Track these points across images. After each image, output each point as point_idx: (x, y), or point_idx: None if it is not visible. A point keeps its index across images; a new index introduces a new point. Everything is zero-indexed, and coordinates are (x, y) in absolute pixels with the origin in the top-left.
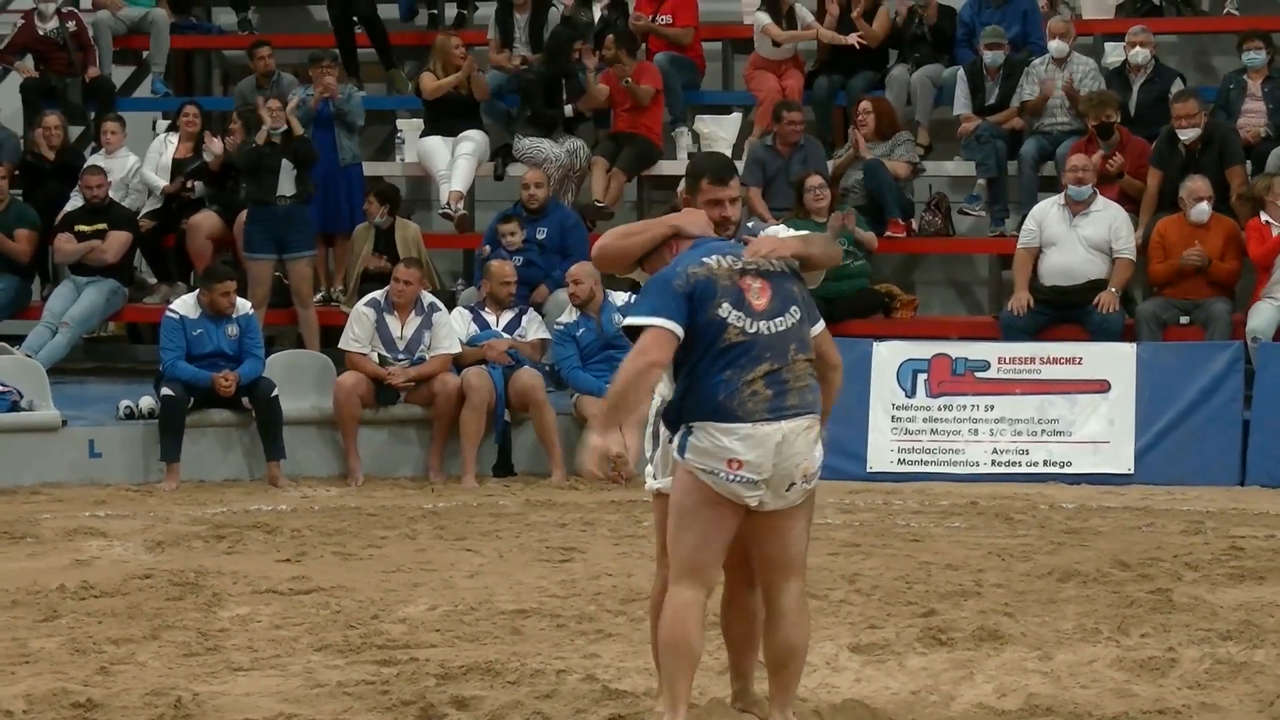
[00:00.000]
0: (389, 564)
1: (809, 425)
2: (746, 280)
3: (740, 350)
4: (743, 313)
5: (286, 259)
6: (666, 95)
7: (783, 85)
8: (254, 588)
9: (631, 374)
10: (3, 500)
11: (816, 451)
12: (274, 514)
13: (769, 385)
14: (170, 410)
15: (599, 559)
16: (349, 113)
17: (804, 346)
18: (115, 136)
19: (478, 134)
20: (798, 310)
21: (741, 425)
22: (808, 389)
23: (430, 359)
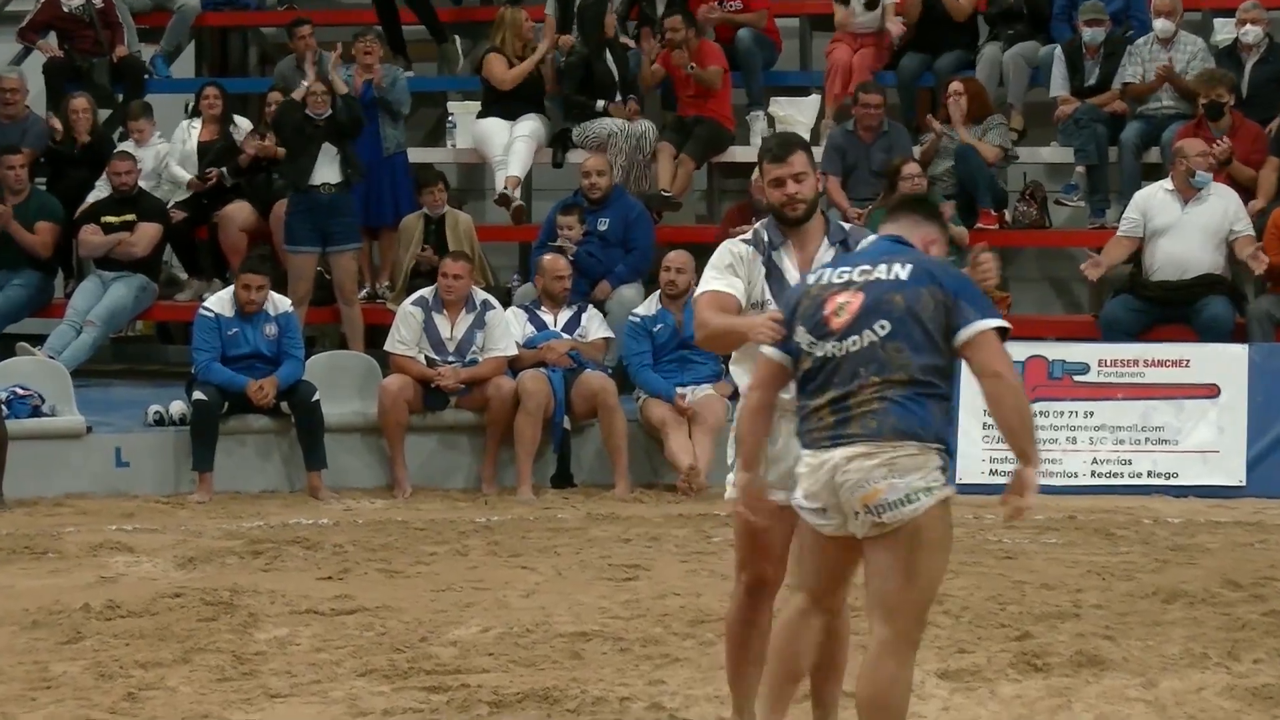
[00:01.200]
0: (439, 582)
1: (866, 452)
2: (835, 297)
3: (809, 375)
4: (815, 335)
5: (330, 252)
6: (745, 76)
7: (853, 61)
8: (293, 608)
9: (740, 411)
10: (24, 512)
11: (886, 480)
12: (315, 528)
13: (833, 411)
14: (202, 416)
15: (665, 577)
16: (394, 98)
17: (884, 367)
18: (144, 134)
19: (538, 117)
20: (887, 325)
21: (806, 452)
22: (879, 413)
23: (483, 361)
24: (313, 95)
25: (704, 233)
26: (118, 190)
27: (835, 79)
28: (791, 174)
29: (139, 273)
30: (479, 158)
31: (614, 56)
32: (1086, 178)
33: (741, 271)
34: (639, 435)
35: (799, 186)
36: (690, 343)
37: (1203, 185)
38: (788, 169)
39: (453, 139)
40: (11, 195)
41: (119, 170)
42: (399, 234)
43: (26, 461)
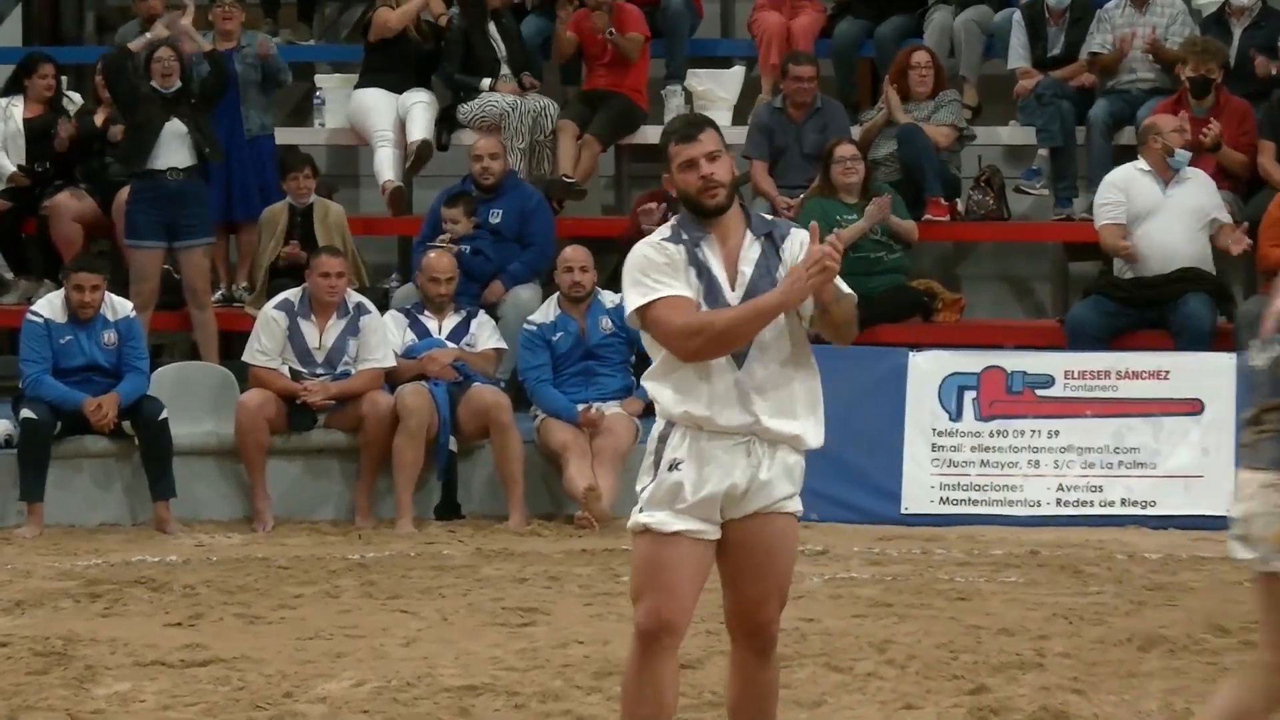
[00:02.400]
0: (305, 629)
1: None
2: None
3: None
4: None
5: (178, 248)
6: (668, 44)
7: (789, 27)
8: (137, 659)
9: None
10: None
11: None
12: (162, 567)
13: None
14: (31, 438)
15: (567, 623)
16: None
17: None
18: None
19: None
20: None
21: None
22: None
23: (356, 373)
24: (157, 63)
25: (611, 225)
26: None
27: (769, 48)
28: (704, 153)
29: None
30: (352, 139)
31: (499, 29)
32: (1050, 161)
33: (680, 275)
34: (536, 459)
35: (713, 167)
36: (599, 351)
37: (1180, 166)
38: (699, 148)
39: (321, 117)
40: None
41: None
42: (260, 226)
43: None
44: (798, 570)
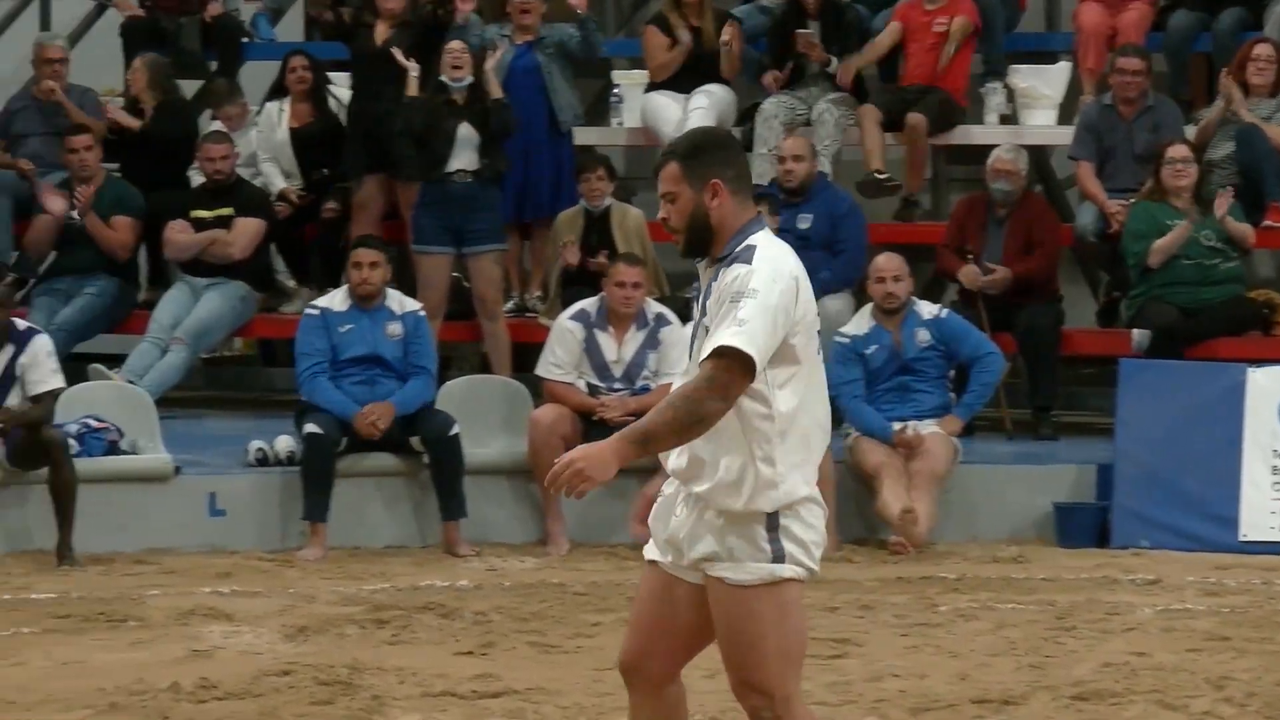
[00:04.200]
0: (603, 659)
1: None
2: None
3: None
4: None
5: (467, 254)
6: (986, 39)
7: (1114, 22)
8: (426, 689)
9: None
10: (98, 571)
11: None
12: (452, 592)
13: None
14: (316, 454)
15: (881, 654)
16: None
17: None
18: (234, 120)
19: (718, 88)
20: None
21: None
22: None
23: (656, 388)
24: (448, 54)
25: (927, 231)
26: (211, 179)
27: (1088, 48)
28: (661, 194)
29: (236, 279)
30: (650, 139)
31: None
32: None
33: None
34: (848, 481)
35: (666, 210)
36: (915, 366)
37: None
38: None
39: (619, 116)
40: (81, 185)
41: (213, 155)
42: (552, 232)
43: (102, 509)
44: (1125, 600)
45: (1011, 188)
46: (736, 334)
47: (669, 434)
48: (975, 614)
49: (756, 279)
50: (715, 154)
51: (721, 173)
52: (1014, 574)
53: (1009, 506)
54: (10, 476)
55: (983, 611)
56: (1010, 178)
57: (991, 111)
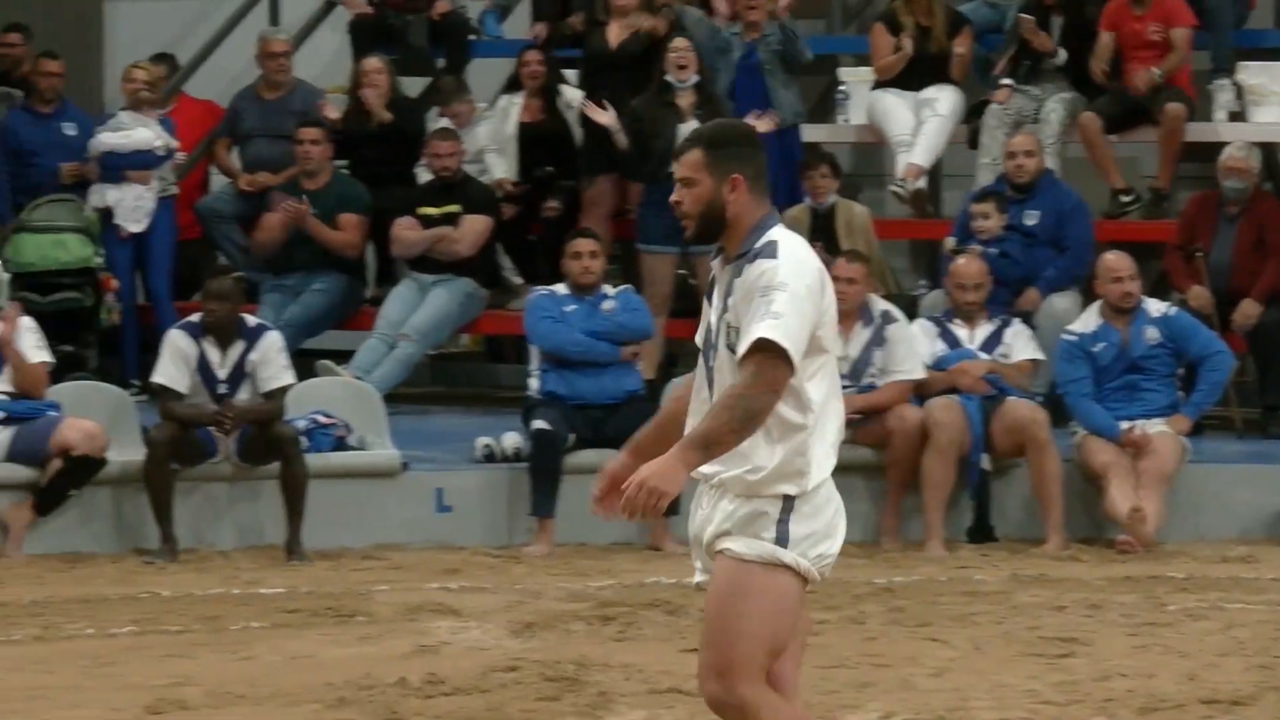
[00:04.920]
0: (829, 657)
1: None
2: None
3: None
4: None
5: (693, 253)
6: (1213, 36)
7: None
8: (652, 685)
9: None
10: (326, 566)
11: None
12: (678, 589)
13: None
14: (543, 450)
15: (1109, 654)
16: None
17: None
18: (461, 117)
19: (949, 91)
20: None
21: None
22: None
23: (882, 386)
24: (673, 53)
25: (1153, 230)
26: (438, 175)
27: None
28: (678, 178)
29: (464, 276)
30: (876, 137)
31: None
32: None
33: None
34: (1075, 479)
35: (679, 194)
36: (1143, 364)
37: None
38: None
39: (845, 113)
40: (307, 179)
41: (440, 151)
42: None
43: (330, 505)
44: None
45: (1243, 185)
46: (774, 327)
47: (729, 434)
48: (1204, 614)
49: (784, 272)
50: (739, 149)
51: (742, 168)
52: (1243, 574)
53: (1238, 506)
54: (240, 472)
55: (1211, 611)
56: (1242, 175)
57: (1220, 109)
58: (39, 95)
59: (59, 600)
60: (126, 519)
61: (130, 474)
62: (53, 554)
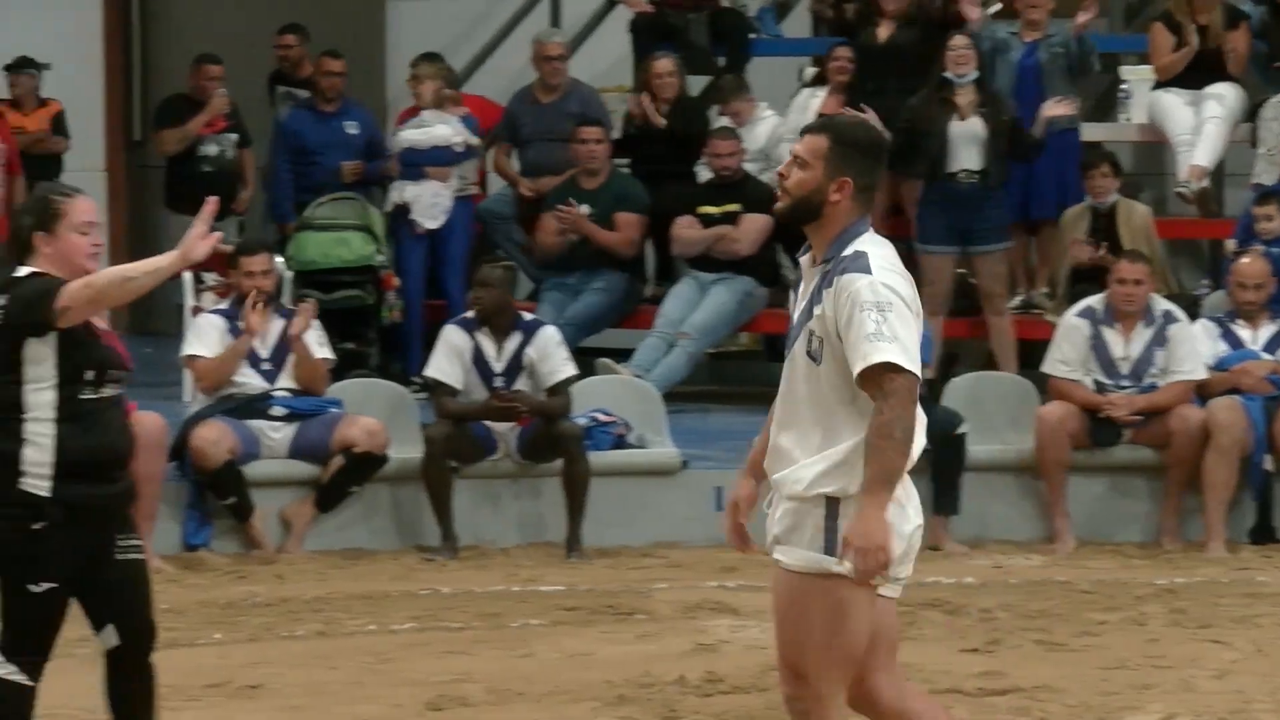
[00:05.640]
0: (1109, 658)
1: None
2: None
3: None
4: None
5: (972, 253)
6: None
7: None
8: (931, 686)
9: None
10: (605, 564)
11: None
12: (957, 589)
13: None
14: None
15: None
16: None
17: None
18: (741, 115)
19: (1229, 88)
20: None
21: None
22: None
23: (1164, 386)
24: (953, 49)
25: None
26: (719, 175)
27: None
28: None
29: (743, 274)
30: (1157, 137)
31: None
32: None
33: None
34: None
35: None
36: None
37: None
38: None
39: (1127, 112)
40: (587, 177)
41: (720, 151)
42: (1059, 229)
43: (609, 502)
44: None
45: None
46: (894, 350)
47: (899, 459)
48: None
49: (887, 289)
50: (863, 157)
51: (857, 175)
52: None
53: None
54: (521, 469)
55: None
56: None
57: None
58: (321, 94)
59: (340, 596)
60: (407, 515)
61: (411, 471)
62: (334, 550)
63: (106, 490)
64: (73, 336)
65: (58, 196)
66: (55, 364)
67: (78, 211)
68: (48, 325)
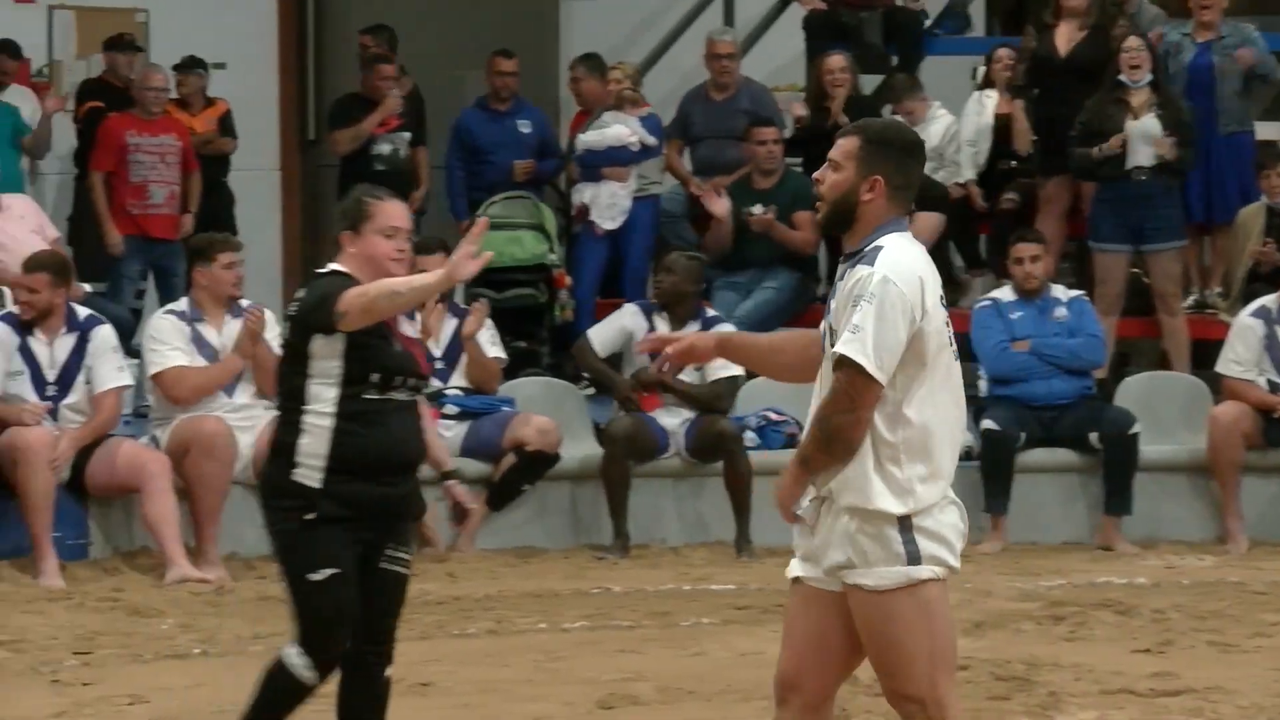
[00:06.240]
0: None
1: None
2: None
3: None
4: None
5: (1146, 251)
6: None
7: None
8: (1103, 686)
9: None
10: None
11: None
12: (1129, 589)
13: None
14: (995, 449)
15: None
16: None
17: None
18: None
19: None
20: None
21: None
22: None
23: None
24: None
25: None
26: None
27: None
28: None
29: None
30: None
31: None
32: None
33: None
34: None
35: (821, 173)
36: None
37: None
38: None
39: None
40: (762, 176)
41: None
42: (1235, 229)
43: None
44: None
45: None
46: (849, 341)
47: (817, 453)
48: None
49: (874, 282)
50: (895, 153)
51: (889, 174)
52: None
53: None
54: (688, 468)
55: None
56: None
57: None
58: (494, 93)
59: (512, 595)
60: (578, 514)
61: (581, 470)
62: (506, 549)
63: (381, 492)
64: (362, 339)
65: (368, 198)
66: (341, 363)
67: (385, 215)
68: (329, 327)
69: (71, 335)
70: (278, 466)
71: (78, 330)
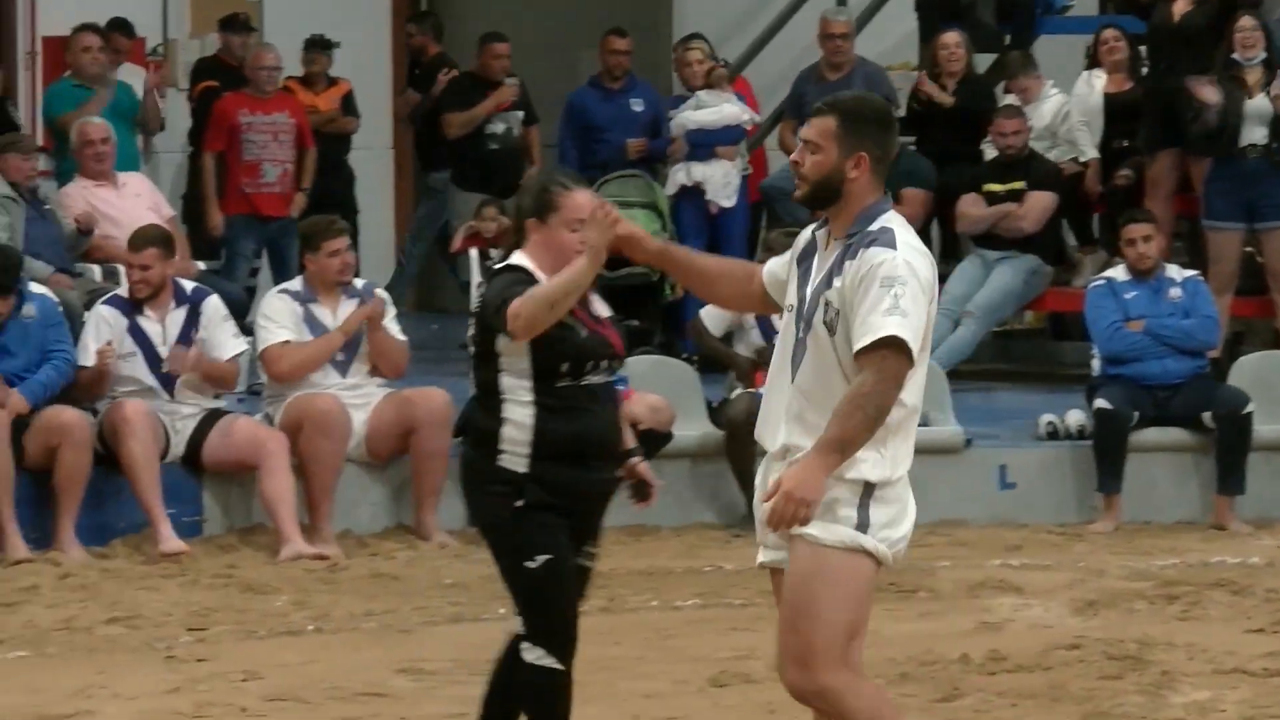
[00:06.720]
0: None
1: None
2: None
3: None
4: None
5: (1260, 230)
6: None
7: None
8: (1217, 666)
9: None
10: None
11: None
12: (1242, 569)
13: None
14: (1108, 428)
15: None
16: None
17: None
18: (1028, 92)
19: None
20: None
21: None
22: None
23: None
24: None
25: None
26: (1004, 153)
27: None
28: (804, 138)
29: (1029, 253)
30: None
31: None
32: None
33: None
34: None
35: (800, 155)
36: None
37: None
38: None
39: None
40: None
41: (1005, 129)
42: None
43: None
44: None
45: None
46: (902, 324)
47: (864, 432)
48: None
49: (908, 267)
50: (874, 129)
51: (872, 149)
52: None
53: None
54: None
55: None
56: None
57: None
58: (607, 72)
59: (623, 573)
60: (689, 493)
61: (692, 448)
62: (617, 527)
63: (586, 476)
64: (544, 333)
65: (556, 187)
66: (529, 357)
67: (572, 206)
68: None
69: (181, 309)
70: (482, 454)
71: (187, 303)
